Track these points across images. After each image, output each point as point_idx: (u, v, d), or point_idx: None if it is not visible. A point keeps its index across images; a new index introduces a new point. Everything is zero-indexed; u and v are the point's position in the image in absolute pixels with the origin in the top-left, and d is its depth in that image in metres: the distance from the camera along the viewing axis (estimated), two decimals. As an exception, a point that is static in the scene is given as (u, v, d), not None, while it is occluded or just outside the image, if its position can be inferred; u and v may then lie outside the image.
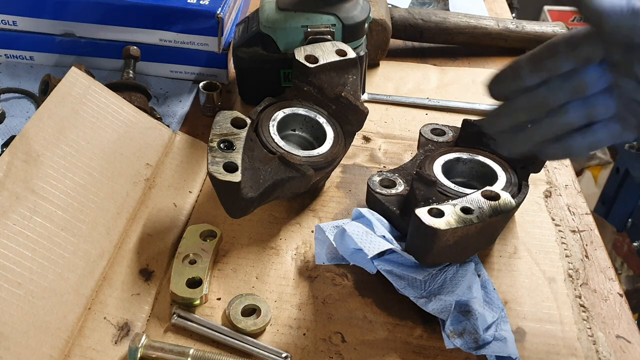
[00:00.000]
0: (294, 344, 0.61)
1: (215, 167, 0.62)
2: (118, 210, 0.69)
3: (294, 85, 0.78)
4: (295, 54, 0.77)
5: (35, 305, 0.57)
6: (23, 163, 0.63)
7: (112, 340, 0.60)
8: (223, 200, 0.65)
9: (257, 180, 0.65)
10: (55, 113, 0.69)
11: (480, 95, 0.98)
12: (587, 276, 0.69)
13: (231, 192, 0.63)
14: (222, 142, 0.65)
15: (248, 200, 0.64)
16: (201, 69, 0.95)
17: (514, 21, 1.07)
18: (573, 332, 0.63)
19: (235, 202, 0.64)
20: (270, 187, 0.66)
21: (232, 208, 0.65)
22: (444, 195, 0.66)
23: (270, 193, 0.67)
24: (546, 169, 0.83)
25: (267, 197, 0.67)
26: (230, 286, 0.66)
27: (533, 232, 0.74)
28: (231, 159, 0.63)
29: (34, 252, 0.60)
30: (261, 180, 0.65)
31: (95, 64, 0.94)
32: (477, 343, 0.58)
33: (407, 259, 0.62)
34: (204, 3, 0.90)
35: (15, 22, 0.92)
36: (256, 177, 0.65)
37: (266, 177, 0.66)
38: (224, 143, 0.65)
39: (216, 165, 0.62)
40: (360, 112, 0.76)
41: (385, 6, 1.03)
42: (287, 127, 0.76)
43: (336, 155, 0.74)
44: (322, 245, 0.65)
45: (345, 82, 0.77)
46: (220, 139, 0.65)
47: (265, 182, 0.65)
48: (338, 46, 0.79)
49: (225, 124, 0.67)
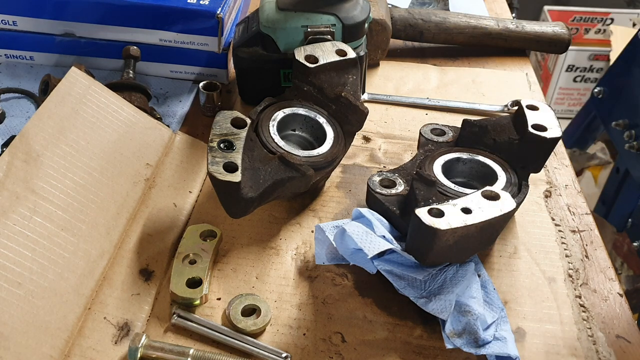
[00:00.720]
0: (294, 344, 0.61)
1: (215, 167, 0.62)
2: (118, 210, 0.69)
3: (294, 85, 0.78)
4: (295, 54, 0.77)
5: (35, 305, 0.57)
6: (23, 163, 0.63)
7: (112, 340, 0.60)
8: (223, 200, 0.65)
9: (257, 180, 0.65)
10: (55, 113, 0.69)
11: (480, 95, 0.98)
12: (587, 276, 0.69)
13: (231, 192, 0.63)
14: (222, 142, 0.65)
15: (248, 200, 0.64)
16: (201, 69, 0.95)
17: (514, 21, 1.07)
18: (573, 332, 0.63)
19: (235, 202, 0.64)
20: (270, 187, 0.66)
21: (232, 208, 0.65)
22: (444, 195, 0.66)
23: (270, 193, 0.67)
24: (546, 169, 0.84)
25: (267, 197, 0.67)
26: (230, 286, 0.66)
27: (533, 232, 0.74)
28: (231, 159, 0.63)
29: (34, 252, 0.60)
30: (261, 180, 0.65)
31: (95, 64, 0.94)
32: (477, 343, 0.58)
33: (407, 259, 0.62)
34: (204, 3, 0.90)
35: (15, 22, 0.92)
36: (256, 177, 0.65)
37: (266, 177, 0.66)
38: (224, 143, 0.65)
39: (216, 165, 0.62)
40: (360, 112, 0.76)
41: (385, 6, 1.03)
42: (287, 127, 0.76)
43: (336, 155, 0.73)
44: (322, 245, 0.65)
45: (345, 82, 0.77)
46: (220, 139, 0.65)
47: (265, 182, 0.65)
48: (338, 46, 0.79)
49: (225, 124, 0.67)
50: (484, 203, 0.60)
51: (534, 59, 2.67)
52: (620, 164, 1.51)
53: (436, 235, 0.57)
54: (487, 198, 0.61)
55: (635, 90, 1.39)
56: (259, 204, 0.67)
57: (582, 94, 2.55)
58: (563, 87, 2.56)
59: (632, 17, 2.49)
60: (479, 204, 0.60)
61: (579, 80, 2.54)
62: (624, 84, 1.42)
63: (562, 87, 2.56)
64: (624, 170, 1.48)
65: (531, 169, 0.73)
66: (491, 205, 0.60)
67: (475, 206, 0.59)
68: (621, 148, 1.43)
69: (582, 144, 1.72)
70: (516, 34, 1.06)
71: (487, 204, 0.60)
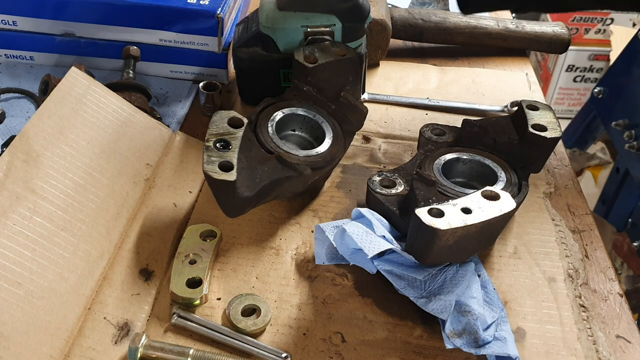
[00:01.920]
0: (294, 344, 0.61)
1: (211, 166, 0.62)
2: (118, 210, 0.69)
3: (293, 85, 0.78)
4: (295, 54, 0.77)
5: (35, 305, 0.57)
6: (23, 163, 0.63)
7: (112, 340, 0.60)
8: (219, 199, 0.65)
9: (254, 179, 0.65)
10: (55, 113, 0.69)
11: (480, 95, 0.98)
12: (587, 276, 0.69)
13: (227, 191, 0.63)
14: (218, 142, 0.65)
15: (244, 199, 0.64)
16: (201, 69, 0.95)
17: (514, 21, 1.07)
18: (573, 332, 0.63)
19: (231, 201, 0.64)
20: (267, 186, 0.66)
21: (228, 207, 0.65)
22: (444, 195, 0.66)
23: (268, 192, 0.67)
24: (546, 169, 0.83)
25: (264, 196, 0.67)
26: (230, 286, 0.66)
27: (533, 232, 0.74)
28: (227, 158, 0.63)
29: (33, 252, 0.60)
30: (257, 179, 0.65)
31: (95, 64, 0.94)
32: (477, 343, 0.58)
33: (407, 259, 0.62)
34: (204, 3, 0.90)
35: (15, 22, 0.92)
36: (253, 176, 0.65)
37: (263, 176, 0.66)
38: (220, 142, 0.65)
39: (212, 165, 0.62)
40: (359, 111, 0.76)
41: (385, 6, 1.03)
42: (287, 127, 0.76)
43: (335, 154, 0.73)
44: (322, 245, 0.65)
45: (345, 82, 0.77)
46: (216, 138, 0.65)
47: (262, 182, 0.65)
48: (338, 46, 0.79)
49: (222, 124, 0.66)
50: (484, 203, 0.60)
51: (534, 59, 2.67)
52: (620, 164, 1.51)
53: (436, 235, 0.57)
54: (487, 198, 0.61)
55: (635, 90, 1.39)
56: (256, 203, 0.67)
57: (582, 94, 2.55)
58: (563, 87, 2.56)
59: (632, 17, 2.49)
60: (479, 204, 0.60)
61: (579, 80, 2.54)
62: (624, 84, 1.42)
63: (562, 87, 2.56)
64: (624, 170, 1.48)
65: (531, 169, 0.73)
66: (491, 205, 0.60)
67: (475, 206, 0.59)
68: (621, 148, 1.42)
69: (582, 144, 1.72)
70: (516, 34, 1.06)
71: (487, 204, 0.60)
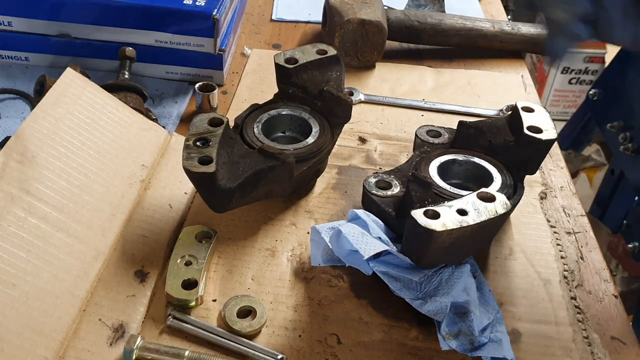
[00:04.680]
0: (290, 346, 0.61)
1: (190, 161, 0.63)
2: (113, 212, 0.69)
3: (279, 90, 0.79)
4: (275, 58, 0.78)
5: (29, 306, 0.57)
6: (18, 164, 0.63)
7: (107, 342, 0.59)
8: (202, 194, 0.66)
9: (236, 172, 0.66)
10: (50, 114, 0.69)
11: (476, 97, 0.98)
12: (582, 278, 0.70)
13: (207, 183, 0.63)
14: (198, 140, 0.66)
15: (227, 191, 0.64)
16: (197, 70, 0.95)
17: (510, 23, 1.08)
18: (568, 333, 0.63)
19: (214, 193, 0.65)
20: (251, 177, 0.66)
21: (212, 201, 0.66)
22: (440, 196, 0.67)
23: (253, 185, 0.67)
24: (541, 171, 0.84)
25: (250, 189, 0.67)
26: (225, 287, 0.66)
27: (528, 233, 0.74)
28: (206, 153, 0.64)
29: (28, 253, 0.59)
30: (240, 171, 0.66)
31: (91, 65, 0.94)
32: (473, 344, 0.58)
33: (402, 260, 0.62)
34: (199, 4, 0.90)
35: (10, 22, 0.92)
36: (235, 169, 0.66)
37: (245, 168, 0.67)
38: (200, 141, 0.66)
39: (191, 160, 0.63)
40: (344, 102, 0.77)
41: (381, 8, 1.03)
42: (276, 129, 0.77)
43: (321, 145, 0.74)
44: (317, 246, 0.65)
45: (329, 78, 0.78)
46: (195, 137, 0.66)
47: (245, 173, 0.66)
48: (318, 47, 0.80)
49: (202, 125, 0.68)
50: (479, 205, 0.60)
51: (530, 61, 2.68)
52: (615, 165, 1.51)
53: (432, 237, 0.57)
54: (482, 200, 0.61)
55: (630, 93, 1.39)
56: (243, 197, 0.67)
57: (577, 96, 2.56)
58: (558, 89, 2.56)
59: (627, 19, 2.50)
60: (475, 205, 0.60)
61: (574, 82, 2.54)
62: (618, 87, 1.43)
63: (557, 89, 2.56)
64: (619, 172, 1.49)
65: (527, 170, 0.73)
66: (487, 207, 0.60)
67: (471, 208, 0.59)
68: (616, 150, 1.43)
69: (577, 146, 1.72)
70: (512, 36, 1.06)
71: (482, 205, 0.60)
